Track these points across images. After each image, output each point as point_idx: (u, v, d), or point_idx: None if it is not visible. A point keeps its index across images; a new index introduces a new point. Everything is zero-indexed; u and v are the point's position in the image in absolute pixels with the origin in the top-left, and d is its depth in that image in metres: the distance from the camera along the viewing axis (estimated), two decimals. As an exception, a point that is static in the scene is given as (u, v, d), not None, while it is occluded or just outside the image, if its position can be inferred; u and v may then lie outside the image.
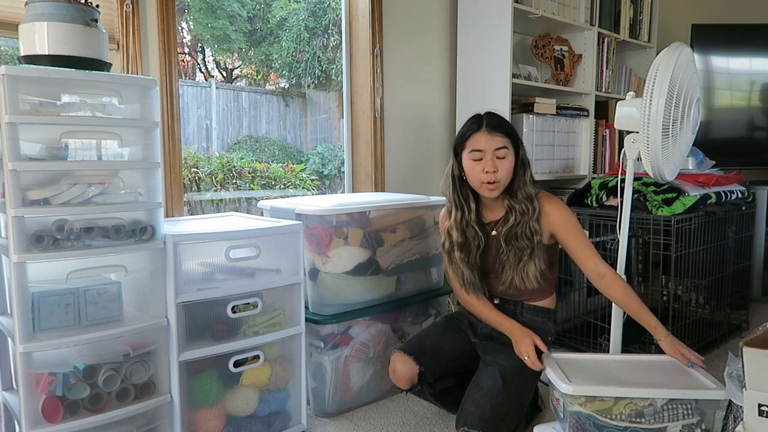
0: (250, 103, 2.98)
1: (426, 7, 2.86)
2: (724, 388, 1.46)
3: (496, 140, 1.73)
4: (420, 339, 1.92)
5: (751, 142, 3.86)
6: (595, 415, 1.51)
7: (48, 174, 1.41)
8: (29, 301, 1.40)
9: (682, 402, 1.46)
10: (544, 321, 1.87)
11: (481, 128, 1.74)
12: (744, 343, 1.39)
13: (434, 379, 1.84)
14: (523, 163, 1.79)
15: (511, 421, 1.69)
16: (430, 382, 1.84)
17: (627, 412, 1.48)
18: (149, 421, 1.59)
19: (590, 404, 1.50)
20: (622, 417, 1.48)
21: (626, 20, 3.39)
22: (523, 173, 1.78)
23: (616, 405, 1.49)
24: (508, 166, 1.74)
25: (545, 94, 3.08)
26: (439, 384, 1.88)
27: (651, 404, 1.46)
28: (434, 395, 1.89)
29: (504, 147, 1.73)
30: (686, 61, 1.93)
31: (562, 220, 1.78)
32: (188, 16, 2.65)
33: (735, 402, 1.70)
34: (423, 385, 1.83)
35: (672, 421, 1.44)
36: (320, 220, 1.96)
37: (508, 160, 1.74)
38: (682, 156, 2.07)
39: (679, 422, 1.44)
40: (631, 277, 3.04)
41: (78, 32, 1.44)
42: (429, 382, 1.84)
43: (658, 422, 1.45)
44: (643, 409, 1.46)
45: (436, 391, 1.88)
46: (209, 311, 1.68)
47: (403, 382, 1.83)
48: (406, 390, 1.86)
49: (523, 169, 1.79)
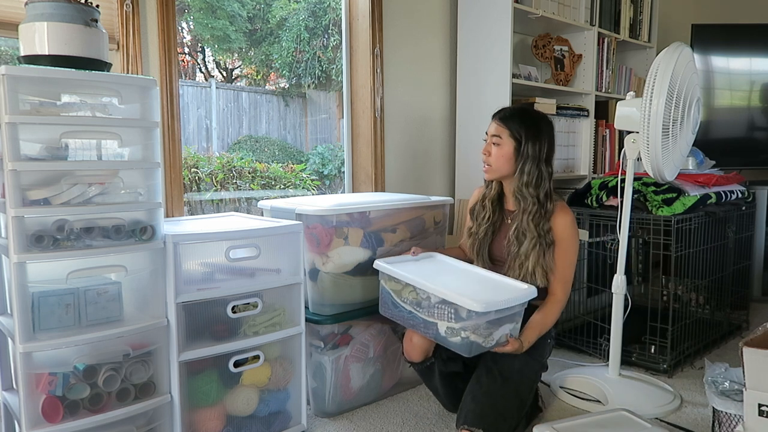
0: (250, 103, 2.98)
1: (426, 7, 2.86)
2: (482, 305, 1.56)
3: (494, 127, 1.89)
4: None
5: (751, 142, 3.86)
6: (391, 293, 1.79)
7: (48, 174, 1.41)
8: (29, 301, 1.40)
9: (448, 305, 1.61)
10: (543, 323, 1.88)
11: (494, 116, 1.93)
12: (744, 343, 1.40)
13: (448, 356, 1.85)
14: (526, 160, 1.84)
15: (512, 420, 1.70)
16: (444, 359, 1.86)
17: (410, 298, 1.73)
18: (149, 421, 1.59)
19: (389, 282, 1.80)
20: (407, 301, 1.74)
21: (626, 20, 3.39)
22: (522, 168, 1.84)
23: (404, 289, 1.75)
24: (498, 153, 1.87)
25: (545, 94, 3.08)
26: (451, 365, 1.88)
27: (428, 298, 1.67)
28: (442, 375, 1.89)
29: (498, 135, 1.87)
30: (686, 61, 1.93)
31: (563, 236, 1.87)
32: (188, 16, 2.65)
33: (716, 408, 1.72)
34: (437, 359, 1.85)
35: (440, 319, 1.63)
36: (320, 220, 1.96)
37: (502, 148, 1.87)
38: (682, 156, 2.07)
39: (444, 322, 1.62)
40: (631, 277, 3.05)
41: (78, 32, 1.44)
42: (443, 358, 1.85)
43: (431, 316, 1.67)
44: (422, 300, 1.69)
45: (447, 370, 1.89)
46: (209, 311, 1.68)
47: (418, 352, 1.84)
48: (418, 363, 1.87)
49: (524, 164, 1.84)
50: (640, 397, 2.07)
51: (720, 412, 1.73)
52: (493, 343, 1.66)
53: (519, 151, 1.85)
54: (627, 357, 2.38)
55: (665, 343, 2.35)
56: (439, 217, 2.31)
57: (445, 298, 1.61)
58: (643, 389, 2.14)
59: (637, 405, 1.93)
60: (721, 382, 1.78)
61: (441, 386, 1.93)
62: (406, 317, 1.75)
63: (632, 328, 2.33)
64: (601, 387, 2.11)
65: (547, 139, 1.87)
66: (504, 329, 1.67)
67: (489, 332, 1.63)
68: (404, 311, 1.76)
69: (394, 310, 1.80)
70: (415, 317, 1.72)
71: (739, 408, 1.65)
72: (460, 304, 1.58)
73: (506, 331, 1.68)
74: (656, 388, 2.17)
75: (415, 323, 1.73)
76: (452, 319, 1.61)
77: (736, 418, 1.68)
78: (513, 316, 1.69)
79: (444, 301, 1.62)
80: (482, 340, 1.62)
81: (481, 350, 1.65)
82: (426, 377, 1.95)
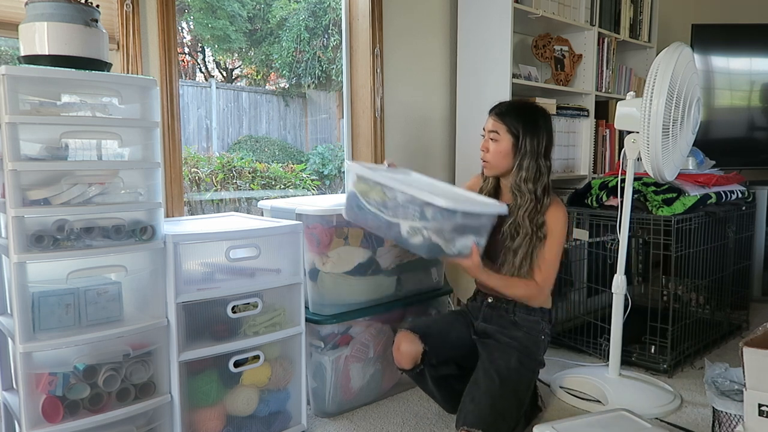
0: (250, 103, 2.98)
1: (426, 7, 2.86)
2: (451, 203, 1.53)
3: (491, 123, 1.88)
4: (426, 321, 2.00)
5: (751, 142, 3.86)
6: (358, 195, 1.74)
7: (48, 174, 1.41)
8: (29, 301, 1.40)
9: (415, 205, 1.58)
10: (537, 320, 1.88)
11: (491, 111, 1.91)
12: (744, 343, 1.40)
13: (438, 361, 1.86)
14: (524, 155, 1.82)
15: (511, 419, 1.71)
16: (434, 364, 1.85)
17: (377, 199, 1.69)
18: (149, 421, 1.59)
19: (358, 184, 1.75)
20: (372, 203, 1.70)
21: (626, 20, 3.39)
22: (521, 163, 1.83)
23: (372, 190, 1.70)
24: (495, 148, 1.86)
25: (545, 94, 3.08)
26: (442, 368, 1.89)
27: (394, 198, 1.64)
28: (435, 379, 1.90)
29: (496, 131, 1.86)
30: (686, 61, 1.93)
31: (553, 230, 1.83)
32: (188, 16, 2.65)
33: (716, 408, 1.73)
34: (426, 366, 1.84)
35: (404, 219, 1.61)
36: (320, 220, 1.96)
37: (499, 144, 1.85)
38: (682, 156, 2.07)
39: (408, 221, 1.60)
40: (631, 277, 3.05)
41: (78, 32, 1.44)
42: (432, 364, 1.85)
43: (395, 216, 1.64)
44: (387, 201, 1.66)
45: (438, 375, 1.89)
46: (209, 311, 1.68)
47: (407, 360, 1.83)
48: (408, 370, 1.86)
49: (522, 159, 1.83)
50: (640, 397, 2.07)
51: (720, 412, 1.73)
52: (455, 251, 1.62)
53: (517, 146, 1.83)
54: (627, 357, 2.38)
55: (665, 343, 2.35)
56: (439, 217, 2.31)
57: (414, 195, 1.57)
58: (643, 389, 2.14)
59: (637, 405, 1.93)
60: (721, 382, 1.78)
61: (435, 390, 1.94)
62: (369, 219, 1.71)
63: (632, 328, 2.33)
64: (601, 387, 2.11)
65: (545, 133, 1.85)
66: (467, 239, 1.63)
67: (452, 237, 1.60)
68: (368, 213, 1.71)
69: (358, 212, 1.74)
70: (379, 219, 1.67)
71: (739, 408, 1.65)
72: (428, 200, 1.54)
73: (469, 242, 1.64)
74: (656, 388, 2.17)
75: (378, 225, 1.68)
76: (416, 218, 1.58)
77: (736, 418, 1.68)
78: (479, 229, 1.66)
79: (411, 200, 1.59)
80: (443, 244, 1.58)
81: (441, 254, 1.62)
82: (419, 382, 1.96)
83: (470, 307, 2.02)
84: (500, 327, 1.89)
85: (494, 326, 1.90)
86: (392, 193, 1.64)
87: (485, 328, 1.92)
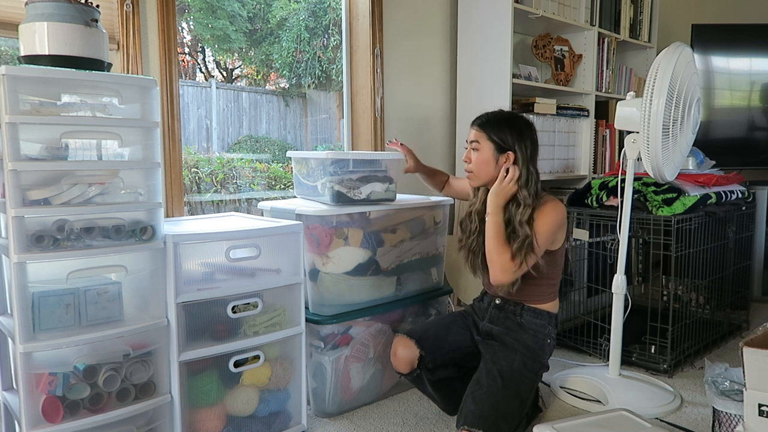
0: (250, 103, 2.98)
1: (426, 7, 2.86)
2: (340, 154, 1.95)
3: (473, 133, 1.89)
4: (423, 325, 2.01)
5: (751, 142, 3.86)
6: (298, 174, 2.18)
7: (48, 174, 1.41)
8: (29, 301, 1.40)
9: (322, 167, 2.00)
10: (544, 324, 1.88)
11: (473, 123, 1.91)
12: (744, 343, 1.40)
13: (434, 365, 1.87)
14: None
15: (512, 420, 1.70)
16: (430, 368, 1.86)
17: (304, 171, 2.12)
18: (149, 421, 1.59)
19: (296, 166, 2.16)
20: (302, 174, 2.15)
21: (626, 20, 3.39)
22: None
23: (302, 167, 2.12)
24: (477, 157, 1.86)
25: (545, 94, 3.08)
26: (439, 372, 1.90)
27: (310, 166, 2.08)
28: (432, 383, 1.90)
29: (476, 140, 1.86)
30: (686, 61, 1.93)
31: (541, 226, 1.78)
32: (188, 16, 2.65)
33: (716, 408, 1.73)
34: (423, 370, 1.86)
35: (318, 180, 2.08)
36: (320, 220, 1.96)
37: (481, 153, 1.85)
38: (682, 156, 2.07)
39: (319, 180, 2.08)
40: (631, 277, 3.05)
41: (78, 32, 1.44)
42: (429, 368, 1.86)
43: (313, 181, 2.09)
44: (309, 171, 2.10)
45: (435, 378, 1.90)
46: (209, 311, 1.68)
47: (403, 365, 1.86)
48: (406, 375, 1.89)
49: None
50: (640, 397, 2.07)
51: (720, 412, 1.73)
52: (362, 196, 2.01)
53: (498, 152, 1.81)
54: (627, 357, 2.38)
55: (665, 343, 2.35)
56: (439, 217, 2.31)
57: (318, 157, 2.01)
58: (644, 389, 2.14)
59: (637, 405, 1.93)
60: (721, 382, 1.78)
61: (434, 392, 1.95)
62: (306, 189, 2.15)
63: (632, 328, 2.33)
64: (601, 387, 2.11)
65: (529, 139, 1.84)
66: (373, 186, 2.03)
67: (356, 186, 2.00)
68: (303, 185, 2.16)
69: (301, 188, 2.20)
70: (307, 186, 2.12)
71: (739, 408, 1.65)
72: (324, 157, 1.97)
73: (377, 188, 2.03)
74: (656, 388, 2.17)
75: (310, 192, 2.11)
76: (324, 176, 1.97)
77: (736, 418, 1.68)
78: (384, 178, 2.07)
79: (318, 162, 2.02)
80: (347, 191, 1.98)
81: (348, 201, 1.99)
82: (418, 385, 1.97)
83: (476, 307, 2.02)
84: (506, 329, 1.89)
85: (500, 327, 1.90)
86: (309, 162, 2.08)
87: (491, 329, 1.91)
